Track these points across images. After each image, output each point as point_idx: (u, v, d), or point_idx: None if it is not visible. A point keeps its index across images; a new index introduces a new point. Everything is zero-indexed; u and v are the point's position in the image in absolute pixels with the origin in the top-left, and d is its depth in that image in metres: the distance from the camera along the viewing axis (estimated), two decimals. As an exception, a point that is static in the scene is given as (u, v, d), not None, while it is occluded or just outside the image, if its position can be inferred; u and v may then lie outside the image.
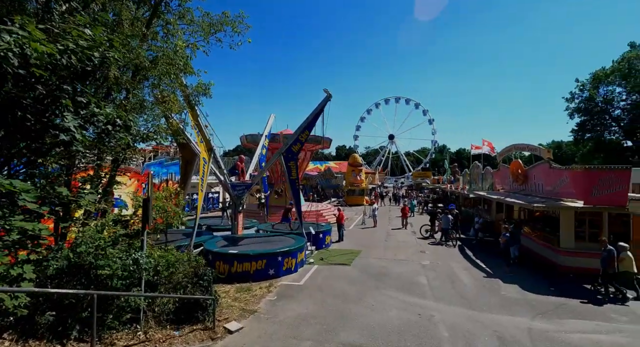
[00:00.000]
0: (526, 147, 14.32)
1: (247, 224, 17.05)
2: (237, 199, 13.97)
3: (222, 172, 13.46)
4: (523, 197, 13.37)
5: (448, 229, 16.01)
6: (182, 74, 6.87)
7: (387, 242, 16.56)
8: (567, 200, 11.13)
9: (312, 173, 45.10)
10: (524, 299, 8.74)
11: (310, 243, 14.16)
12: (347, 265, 12.07)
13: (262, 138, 17.00)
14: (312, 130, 13.82)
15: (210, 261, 10.82)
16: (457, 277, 10.62)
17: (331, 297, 8.79)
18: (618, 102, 45.67)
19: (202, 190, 11.66)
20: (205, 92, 8.42)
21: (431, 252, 14.17)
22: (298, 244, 11.82)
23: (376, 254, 13.80)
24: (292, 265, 11.19)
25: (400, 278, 10.52)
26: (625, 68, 42.49)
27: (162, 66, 5.64)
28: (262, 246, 11.62)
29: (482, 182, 22.09)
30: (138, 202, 7.29)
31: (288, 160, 13.78)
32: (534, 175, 13.43)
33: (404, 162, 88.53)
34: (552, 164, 11.82)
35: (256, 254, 10.49)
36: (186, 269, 6.46)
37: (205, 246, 11.34)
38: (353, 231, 20.05)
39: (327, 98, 13.55)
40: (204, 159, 11.80)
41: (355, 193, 37.09)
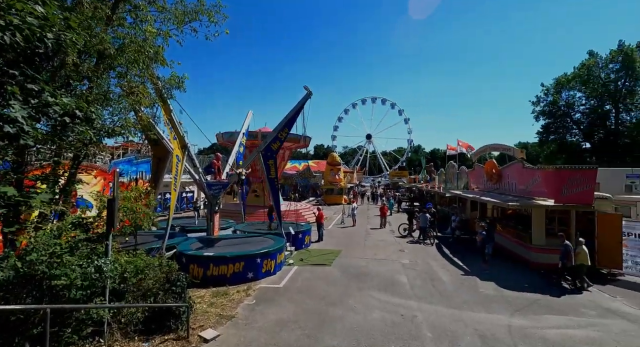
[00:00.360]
0: (500, 148, 14.76)
1: (224, 224, 16.45)
2: (213, 198, 13.40)
3: (197, 171, 12.83)
4: (498, 196, 13.75)
5: (426, 228, 16.21)
6: (153, 64, 6.34)
7: (366, 241, 16.53)
8: (538, 199, 11.52)
9: (291, 172, 44.67)
10: (501, 296, 8.90)
11: (290, 243, 13.84)
12: (328, 265, 11.87)
13: (240, 135, 16.42)
14: (292, 128, 13.49)
15: (184, 264, 10.26)
16: (436, 276, 10.69)
17: (312, 300, 8.54)
18: (578, 106, 48.69)
19: (175, 189, 11.03)
20: (179, 85, 7.89)
21: (410, 251, 14.26)
22: (277, 245, 11.47)
23: (356, 254, 13.70)
24: (272, 267, 10.83)
25: (381, 278, 10.44)
26: (585, 74, 45.34)
27: (130, 54, 5.11)
28: (240, 248, 11.16)
29: (457, 182, 22.65)
30: (103, 202, 6.68)
31: (267, 158, 13.37)
32: (508, 174, 13.85)
33: (381, 162, 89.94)
34: (525, 164, 12.22)
35: (233, 256, 10.04)
36: (157, 275, 5.95)
37: (178, 248, 10.73)
38: (332, 230, 19.90)
39: (307, 95, 13.28)
40: (178, 156, 11.17)
41: (334, 192, 37.05)
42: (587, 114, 46.97)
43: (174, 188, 10.98)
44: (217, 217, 13.94)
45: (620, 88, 43.14)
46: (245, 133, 16.91)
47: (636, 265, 10.65)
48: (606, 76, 44.54)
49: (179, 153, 11.19)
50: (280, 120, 13.30)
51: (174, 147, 11.04)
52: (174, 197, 10.99)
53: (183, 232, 14.40)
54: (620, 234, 10.68)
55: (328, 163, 38.98)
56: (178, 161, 11.18)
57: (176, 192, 11.05)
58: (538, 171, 11.36)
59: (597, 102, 45.85)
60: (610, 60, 43.37)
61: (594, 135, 47.17)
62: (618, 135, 42.82)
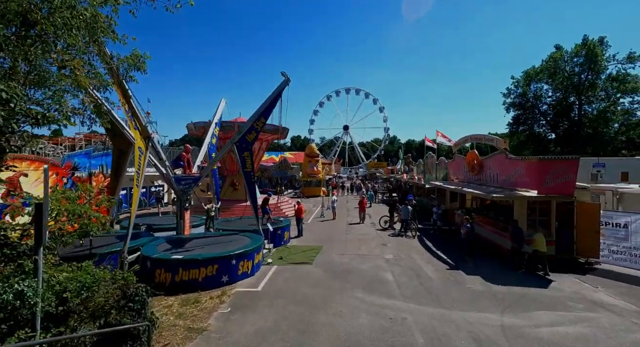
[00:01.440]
0: (483, 138, 14.63)
1: (196, 221, 15.35)
2: (182, 194, 12.28)
3: (164, 164, 11.64)
4: (480, 187, 13.61)
5: (408, 220, 15.95)
6: (99, 35, 5.23)
7: (347, 235, 16.04)
8: (521, 189, 11.40)
9: (268, 164, 43.43)
10: (489, 291, 8.64)
11: (268, 241, 13.04)
12: (309, 264, 11.22)
13: (212, 126, 15.23)
14: (268, 117, 12.54)
15: (148, 269, 9.25)
16: (422, 272, 10.33)
17: (294, 305, 7.85)
18: (545, 98, 50.65)
19: (137, 185, 9.83)
20: (139, 66, 6.76)
21: (393, 245, 13.90)
22: (255, 243, 10.65)
23: (338, 250, 13.14)
24: (249, 268, 10.01)
25: (366, 276, 9.93)
26: (552, 67, 47.05)
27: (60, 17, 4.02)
28: (213, 248, 10.24)
29: (436, 173, 22.63)
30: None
31: (242, 150, 12.38)
32: (490, 165, 13.72)
33: (359, 153, 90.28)
34: (508, 155, 12.06)
35: (206, 259, 9.11)
36: (108, 291, 4.99)
37: (142, 251, 9.64)
38: (312, 224, 19.26)
39: (284, 82, 12.34)
40: (140, 148, 9.95)
41: (312, 184, 36.37)
42: (553, 106, 48.94)
43: (137, 184, 9.78)
44: (187, 215, 12.85)
45: (583, 81, 45.14)
46: (217, 123, 15.72)
47: (613, 254, 10.80)
48: (571, 69, 46.37)
49: (141, 144, 9.97)
50: (257, 109, 12.30)
51: (136, 138, 9.81)
52: (136, 194, 9.80)
53: (149, 231, 13.20)
54: (598, 223, 10.76)
55: (306, 154, 38.14)
56: (141, 154, 9.97)
57: (139, 188, 9.87)
58: (521, 162, 11.21)
59: (562, 94, 47.84)
60: (575, 54, 45.12)
61: (559, 126, 49.36)
62: (581, 126, 44.99)
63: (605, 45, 42.95)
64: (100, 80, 5.87)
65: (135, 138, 9.81)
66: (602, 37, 42.75)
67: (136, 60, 6.67)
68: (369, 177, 60.39)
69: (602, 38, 42.78)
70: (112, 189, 13.09)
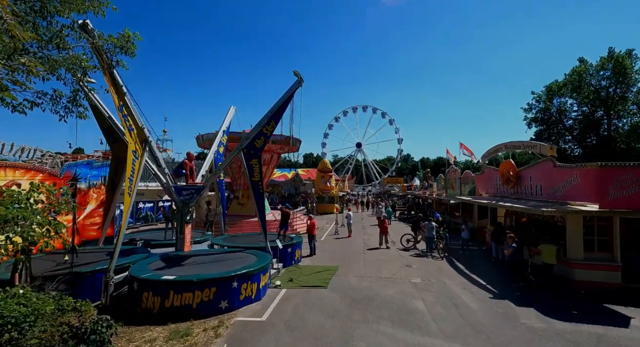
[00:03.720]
0: (520, 145, 12.95)
1: (199, 237, 14.06)
2: (183, 206, 11.05)
3: (163, 172, 10.51)
4: (519, 202, 11.82)
5: (433, 239, 14.18)
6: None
7: (365, 254, 14.34)
8: (575, 203, 9.62)
9: (280, 180, 42.35)
10: (551, 330, 6.82)
11: (277, 259, 11.55)
12: (323, 287, 9.62)
13: (220, 133, 14.20)
14: (279, 121, 11.37)
15: (135, 291, 7.89)
16: (460, 300, 8.57)
17: (306, 341, 6.27)
18: (570, 112, 48.40)
19: (130, 194, 8.64)
20: (126, 48, 5.73)
21: (419, 267, 12.13)
22: (261, 262, 9.18)
23: (356, 271, 11.49)
24: (253, 292, 8.51)
25: (392, 304, 8.25)
26: (576, 81, 45.07)
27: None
28: (213, 268, 8.83)
29: (460, 187, 20.82)
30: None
31: (250, 157, 11.17)
32: (531, 176, 11.98)
33: (372, 170, 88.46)
34: (556, 163, 10.37)
35: (202, 280, 7.68)
36: (48, 328, 3.64)
37: (130, 270, 8.31)
38: (326, 241, 17.66)
39: (297, 83, 11.25)
40: (135, 152, 8.86)
41: (325, 200, 34.82)
42: (579, 121, 46.60)
43: (129, 192, 8.60)
44: (188, 229, 11.54)
45: (611, 94, 42.91)
46: (226, 131, 14.70)
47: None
48: (597, 83, 44.34)
49: (136, 148, 8.89)
50: (266, 113, 11.17)
51: (130, 141, 8.72)
52: (127, 204, 8.58)
53: (146, 247, 11.94)
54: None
55: (319, 170, 36.89)
56: (135, 159, 8.87)
57: (131, 198, 8.67)
58: (576, 170, 9.49)
59: (589, 109, 45.60)
60: (601, 68, 43.19)
61: (586, 141, 46.79)
62: (612, 142, 42.33)
63: (634, 57, 40.94)
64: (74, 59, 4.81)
65: (129, 141, 8.73)
66: (631, 49, 40.83)
67: (123, 41, 5.64)
68: (383, 194, 58.37)
69: (631, 50, 40.88)
70: (107, 202, 12.03)
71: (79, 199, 14.95)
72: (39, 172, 12.65)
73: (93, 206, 15.29)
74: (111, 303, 8.01)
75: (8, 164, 11.73)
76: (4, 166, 11.53)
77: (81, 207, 14.96)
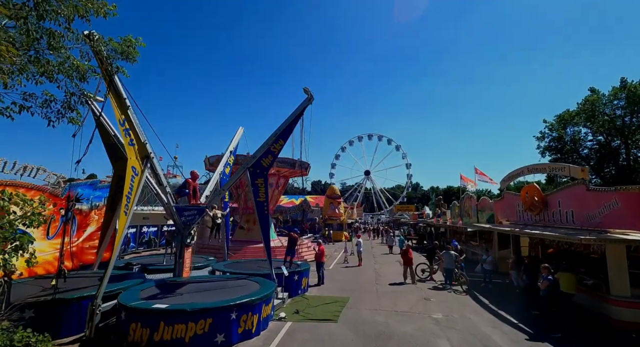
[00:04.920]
0: (546, 168, 12.10)
1: (202, 262, 13.25)
2: (184, 228, 10.41)
3: (164, 190, 9.97)
4: (550, 230, 10.77)
5: (452, 270, 13.01)
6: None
7: (378, 285, 13.19)
8: (616, 231, 8.60)
9: (287, 206, 41.60)
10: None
11: (282, 288, 10.59)
12: (333, 321, 8.57)
13: (227, 154, 13.83)
14: (287, 139, 10.91)
15: (123, 321, 7.04)
16: (491, 342, 7.41)
17: (312, 389, 5.26)
18: (585, 142, 47.35)
19: (126, 213, 8.05)
20: (128, 53, 5.41)
21: (438, 300, 10.95)
22: (264, 291, 8.29)
23: (369, 303, 10.39)
24: (253, 324, 7.56)
25: (412, 344, 7.17)
26: (589, 110, 44.49)
27: None
28: (210, 296, 7.97)
29: (477, 215, 19.71)
30: None
31: (256, 176, 10.63)
32: (559, 201, 11.02)
33: (380, 198, 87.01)
34: (589, 186, 9.49)
35: (196, 310, 6.82)
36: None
37: (120, 298, 7.50)
38: (335, 270, 16.55)
39: (307, 100, 10.90)
40: (134, 168, 8.39)
41: (333, 227, 33.68)
42: (596, 150, 45.43)
43: (125, 211, 8.01)
44: (188, 253, 10.80)
45: (627, 124, 42.05)
46: (233, 152, 14.33)
47: None
48: (611, 112, 43.69)
49: (135, 164, 8.43)
50: (274, 131, 10.76)
51: (130, 157, 8.30)
52: (122, 224, 7.94)
53: (143, 272, 11.15)
54: None
55: (327, 196, 36.15)
56: (134, 175, 8.38)
57: (127, 217, 8.06)
58: (615, 194, 8.55)
59: (605, 138, 44.58)
60: (614, 97, 42.73)
61: (604, 171, 45.28)
62: (633, 171, 40.79)
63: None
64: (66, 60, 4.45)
65: (129, 156, 8.29)
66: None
67: (124, 47, 5.32)
68: (392, 223, 56.68)
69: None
70: (105, 223, 11.45)
71: (79, 221, 14.47)
72: (40, 191, 12.26)
73: (94, 228, 14.72)
74: (97, 335, 7.16)
75: (8, 182, 11.42)
76: (3, 185, 11.21)
77: (80, 230, 14.49)
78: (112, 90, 7.17)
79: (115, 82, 7.19)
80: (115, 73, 6.09)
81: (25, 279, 10.34)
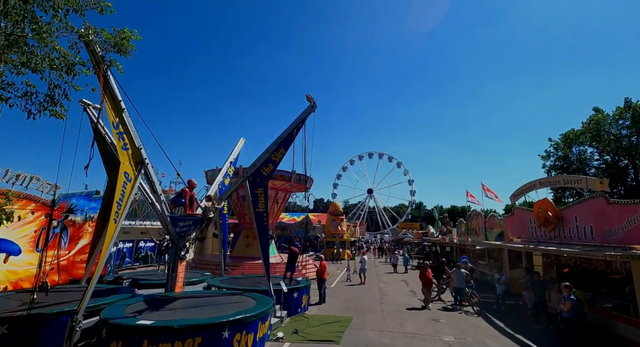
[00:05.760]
0: (561, 180, 11.57)
1: (197, 277, 12.59)
2: (178, 239, 9.88)
3: (159, 199, 9.51)
4: (566, 247, 10.09)
5: (463, 289, 12.21)
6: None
7: (383, 304, 12.37)
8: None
9: (289, 223, 40.83)
10: None
11: (280, 306, 9.87)
12: (335, 343, 7.84)
13: (227, 164, 13.43)
14: (288, 148, 10.54)
15: (103, 339, 6.39)
16: (511, 369, 6.64)
17: None
18: (591, 161, 46.71)
19: (115, 221, 7.54)
20: (122, 45, 5.14)
21: (448, 322, 10.14)
22: (261, 308, 7.62)
23: (373, 324, 9.61)
24: (248, 345, 6.87)
25: (423, 370, 6.42)
26: (594, 130, 44.17)
27: None
28: (202, 313, 7.31)
29: (485, 233, 18.94)
30: None
31: (256, 186, 10.18)
32: (576, 216, 10.39)
33: (383, 217, 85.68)
34: (610, 199, 8.91)
35: (184, 327, 6.17)
36: None
37: (102, 313, 6.88)
38: (337, 288, 15.73)
39: (310, 108, 10.63)
40: (127, 174, 7.98)
41: (336, 245, 32.71)
42: (603, 170, 44.71)
43: (115, 218, 7.52)
44: (182, 267, 10.23)
45: (634, 144, 41.56)
46: (233, 162, 13.93)
47: None
48: (617, 132, 43.31)
49: (128, 170, 8.03)
50: (275, 139, 10.41)
51: (123, 161, 7.91)
52: (111, 232, 7.40)
53: (133, 287, 10.51)
54: None
55: (329, 213, 35.39)
56: (127, 181, 7.96)
57: (117, 225, 7.55)
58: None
59: (612, 158, 43.97)
60: (619, 117, 42.50)
61: (613, 191, 44.36)
62: (642, 191, 39.90)
63: (652, 107, 40.27)
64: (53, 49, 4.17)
65: (122, 161, 7.90)
66: (648, 99, 40.34)
67: (118, 38, 5.06)
68: (395, 242, 55.37)
69: (648, 100, 40.36)
70: (96, 234, 10.91)
71: (72, 233, 13.94)
72: (31, 201, 11.87)
73: (87, 240, 14.16)
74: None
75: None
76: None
77: (73, 242, 13.93)
78: (107, 90, 6.89)
79: (109, 81, 6.92)
80: (108, 67, 5.78)
81: (9, 293, 9.77)
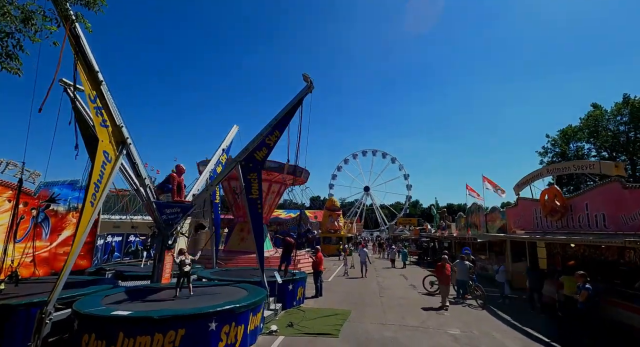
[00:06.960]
0: (571, 166, 11.03)
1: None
2: (165, 227, 9.22)
3: (143, 183, 8.83)
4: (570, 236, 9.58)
5: (466, 282, 11.68)
6: None
7: (383, 297, 11.82)
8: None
9: (286, 218, 40.20)
10: None
11: (275, 298, 9.26)
12: (334, 336, 7.25)
13: (219, 151, 12.77)
14: (283, 131, 9.89)
15: (75, 332, 5.74)
16: (525, 362, 6.09)
17: None
18: (589, 157, 46.53)
19: (92, 203, 6.87)
20: (89, 0, 4.48)
21: (452, 315, 9.59)
22: (252, 298, 7.01)
23: (373, 317, 9.04)
24: (237, 338, 6.25)
25: (430, 365, 5.85)
26: (592, 126, 43.97)
27: None
28: (188, 303, 6.68)
29: (486, 226, 18.47)
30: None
31: (248, 171, 9.54)
32: (587, 204, 9.87)
33: (380, 214, 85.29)
34: (626, 183, 8.39)
35: (165, 318, 5.52)
36: None
37: (74, 305, 6.21)
38: (335, 282, 15.18)
39: (306, 88, 9.98)
40: (106, 153, 7.32)
41: (332, 241, 32.15)
42: (601, 166, 44.61)
43: (91, 200, 6.85)
44: (169, 257, 9.57)
45: (632, 139, 41.43)
46: (225, 149, 13.27)
47: None
48: (615, 128, 43.17)
49: (108, 149, 7.36)
50: (269, 121, 9.76)
51: (102, 139, 7.23)
52: (87, 215, 6.75)
53: (116, 279, 9.84)
54: None
55: (326, 208, 34.88)
56: (107, 161, 7.29)
57: (94, 209, 6.89)
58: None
59: (609, 154, 43.84)
60: (617, 113, 42.33)
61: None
62: (639, 187, 39.84)
63: (651, 102, 40.12)
64: None
65: (100, 138, 7.22)
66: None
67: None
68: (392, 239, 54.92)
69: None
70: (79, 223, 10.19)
71: (54, 224, 13.17)
72: (7, 188, 11.11)
73: (70, 232, 13.40)
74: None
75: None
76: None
77: (55, 233, 13.18)
78: (80, 56, 6.20)
79: (82, 45, 6.24)
80: (73, 22, 5.10)
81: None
